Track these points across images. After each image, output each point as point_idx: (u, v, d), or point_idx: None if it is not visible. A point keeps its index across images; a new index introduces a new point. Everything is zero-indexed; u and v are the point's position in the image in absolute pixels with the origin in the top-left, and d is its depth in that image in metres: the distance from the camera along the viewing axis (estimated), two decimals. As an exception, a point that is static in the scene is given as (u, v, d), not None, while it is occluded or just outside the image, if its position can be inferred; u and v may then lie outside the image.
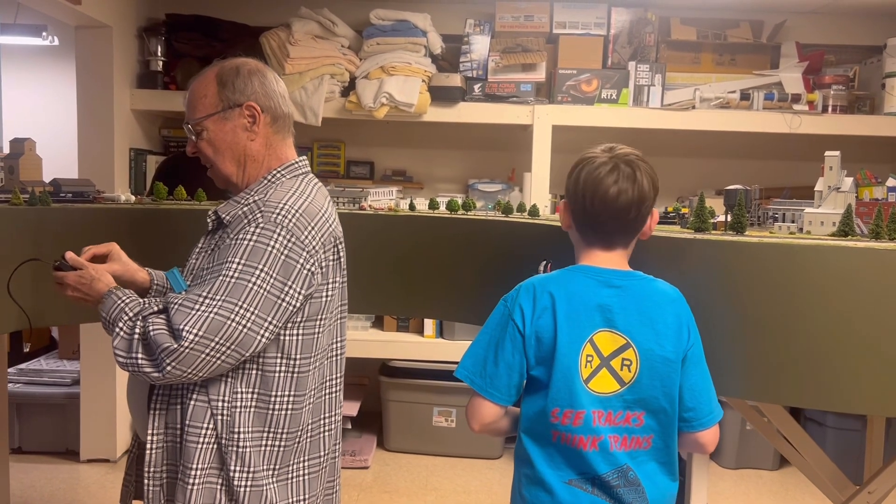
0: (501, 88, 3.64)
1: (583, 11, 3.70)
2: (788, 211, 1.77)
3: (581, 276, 1.43)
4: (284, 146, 1.58)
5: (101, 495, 3.27)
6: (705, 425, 1.45)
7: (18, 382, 3.65)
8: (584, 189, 1.41)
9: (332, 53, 3.60)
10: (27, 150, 2.10)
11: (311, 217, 1.46)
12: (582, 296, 1.40)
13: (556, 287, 1.41)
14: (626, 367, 1.38)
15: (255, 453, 1.45)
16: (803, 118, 3.55)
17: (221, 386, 1.44)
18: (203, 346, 1.34)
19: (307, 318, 1.48)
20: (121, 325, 1.38)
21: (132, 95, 3.65)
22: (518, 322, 1.40)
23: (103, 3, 3.32)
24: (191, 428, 1.43)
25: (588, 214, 1.42)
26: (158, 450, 1.48)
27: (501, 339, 1.42)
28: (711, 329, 1.48)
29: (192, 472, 1.42)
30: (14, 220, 1.89)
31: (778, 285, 1.43)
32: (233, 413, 1.44)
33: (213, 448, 1.44)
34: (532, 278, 1.47)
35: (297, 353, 1.47)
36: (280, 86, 1.57)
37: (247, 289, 1.36)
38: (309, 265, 1.44)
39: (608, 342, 1.38)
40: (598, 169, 1.40)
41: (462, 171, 4.13)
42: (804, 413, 3.70)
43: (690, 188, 4.05)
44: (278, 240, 1.40)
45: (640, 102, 3.61)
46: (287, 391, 1.47)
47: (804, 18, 3.85)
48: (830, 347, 1.40)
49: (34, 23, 4.13)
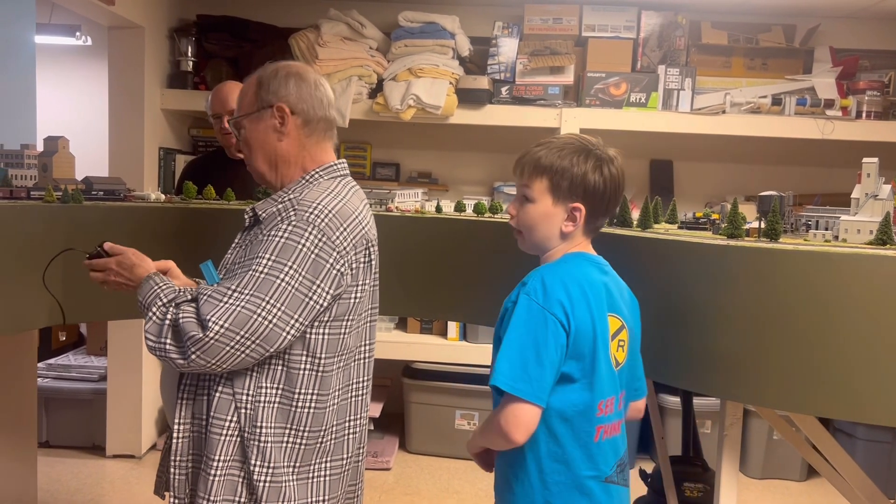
0: (529, 91, 3.63)
1: (612, 14, 3.68)
2: (822, 218, 1.74)
3: (587, 263, 1.45)
4: (320, 149, 1.58)
5: (125, 491, 3.30)
6: (643, 392, 1.58)
7: (47, 377, 3.71)
8: (611, 187, 1.44)
9: (360, 55, 3.61)
10: (60, 148, 2.13)
11: (344, 218, 1.46)
12: (594, 283, 1.42)
13: (578, 277, 1.40)
14: (621, 348, 1.45)
15: (276, 449, 1.45)
16: (836, 124, 3.50)
17: (246, 380, 1.45)
18: (228, 339, 1.35)
19: (334, 318, 1.48)
20: (154, 310, 1.41)
21: (162, 95, 3.69)
22: (560, 317, 1.35)
23: (136, 3, 3.36)
24: (215, 419, 1.45)
25: (608, 210, 1.48)
26: (184, 439, 1.50)
27: (542, 337, 1.35)
28: (743, 336, 1.46)
29: (214, 464, 1.44)
30: (47, 216, 1.92)
31: (813, 293, 1.40)
32: (256, 407, 1.45)
33: (235, 441, 1.45)
34: (541, 271, 1.43)
35: (322, 352, 1.47)
36: (321, 91, 1.56)
37: (275, 285, 1.37)
38: (339, 265, 1.44)
39: (614, 325, 1.44)
40: (616, 168, 1.45)
41: (487, 174, 4.12)
42: (833, 424, 3.63)
43: (719, 193, 4.00)
44: (310, 238, 1.41)
45: (670, 106, 3.58)
46: (311, 389, 1.47)
47: (838, 23, 3.79)
48: (865, 358, 1.37)
49: (68, 23, 4.20)
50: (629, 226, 1.87)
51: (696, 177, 4.08)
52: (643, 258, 1.69)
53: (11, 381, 2.64)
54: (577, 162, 1.42)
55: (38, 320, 1.95)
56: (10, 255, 1.82)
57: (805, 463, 3.59)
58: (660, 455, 2.40)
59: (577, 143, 1.45)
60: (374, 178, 4.08)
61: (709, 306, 1.54)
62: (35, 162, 2.15)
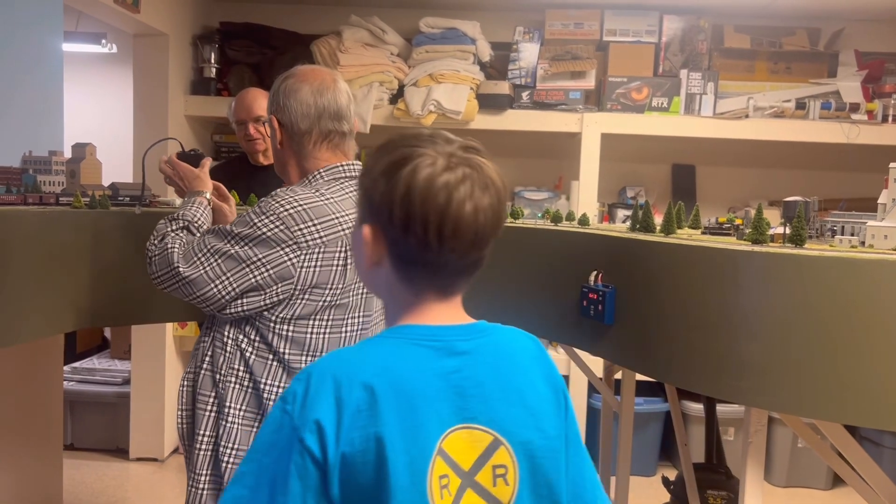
0: (550, 96, 3.62)
1: (634, 19, 3.66)
2: (848, 223, 1.72)
3: (410, 346, 0.90)
4: (319, 154, 1.61)
5: (148, 493, 3.33)
6: None
7: (72, 381, 3.75)
8: (420, 204, 0.86)
9: (381, 61, 3.62)
10: (88, 154, 2.16)
11: (317, 215, 1.51)
12: (417, 380, 0.88)
13: (371, 373, 0.86)
14: (500, 479, 0.89)
15: (243, 433, 1.55)
16: (862, 128, 3.45)
17: (223, 361, 1.56)
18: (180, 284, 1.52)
19: (298, 317, 1.53)
20: (172, 220, 1.61)
21: (186, 101, 3.73)
22: (311, 445, 0.83)
23: (161, 11, 3.40)
24: (200, 395, 1.58)
25: (425, 245, 0.88)
26: (189, 388, 1.62)
27: (282, 473, 0.84)
28: (769, 343, 1.44)
29: (199, 438, 1.57)
30: (75, 221, 1.94)
31: (839, 300, 1.38)
32: (226, 388, 1.55)
33: (212, 418, 1.56)
34: (328, 359, 0.90)
35: (285, 347, 1.53)
36: (316, 99, 1.58)
37: (230, 256, 1.50)
38: (292, 256, 1.49)
39: (467, 446, 0.88)
40: (442, 174, 0.87)
41: (508, 179, 4.02)
42: (859, 432, 3.58)
43: (742, 198, 3.97)
44: (265, 223, 1.49)
45: (692, 111, 3.56)
46: (277, 382, 1.54)
47: (863, 26, 3.74)
48: (892, 365, 1.35)
49: (94, 31, 4.26)
50: (652, 231, 1.86)
51: (718, 182, 4.05)
52: (666, 264, 1.68)
53: (39, 385, 2.68)
54: (386, 170, 0.90)
55: (67, 324, 1.97)
56: (41, 259, 1.85)
57: (830, 471, 3.54)
58: (683, 462, 2.38)
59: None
60: (394, 184, 4.09)
61: (733, 313, 1.52)
62: (63, 168, 2.18)
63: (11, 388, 2.54)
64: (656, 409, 3.66)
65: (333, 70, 1.73)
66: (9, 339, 1.79)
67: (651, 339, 1.70)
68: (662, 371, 1.71)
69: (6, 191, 1.95)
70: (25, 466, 2.62)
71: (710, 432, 2.60)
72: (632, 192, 3.92)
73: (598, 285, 1.83)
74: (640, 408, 3.55)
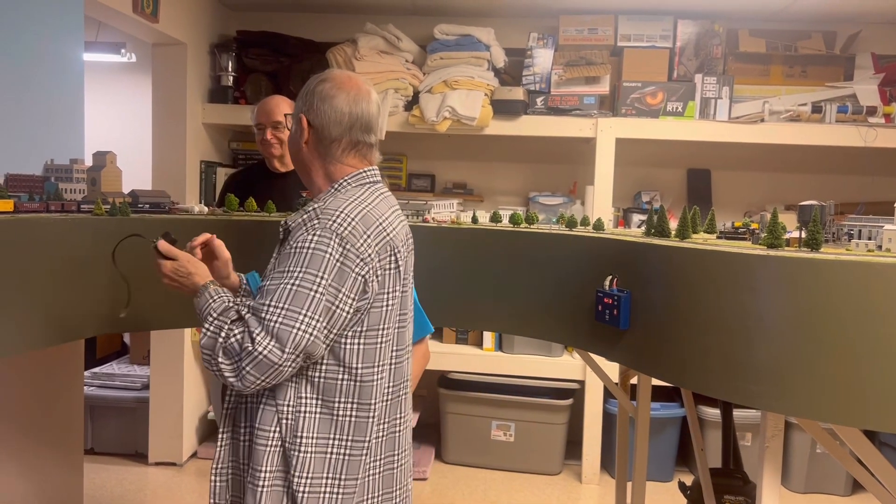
0: (564, 101, 3.63)
1: (648, 24, 3.67)
2: (865, 227, 1.71)
3: None
4: (346, 161, 1.61)
5: (167, 497, 3.36)
6: None
7: (92, 386, 3.80)
8: None
9: (396, 68, 3.65)
10: (108, 162, 2.19)
11: (367, 225, 1.49)
12: None
13: None
14: None
15: (317, 460, 1.48)
16: (879, 131, 3.43)
17: (288, 391, 1.48)
18: (275, 355, 1.38)
19: (368, 328, 1.50)
20: (207, 325, 1.46)
21: (204, 109, 3.77)
22: None
23: (179, 21, 3.45)
24: (259, 431, 1.48)
25: None
26: (226, 447, 1.55)
27: None
28: (785, 348, 1.44)
29: (261, 475, 1.47)
30: (96, 228, 1.98)
31: (856, 304, 1.38)
32: (297, 418, 1.48)
33: (279, 452, 1.48)
34: None
35: (358, 362, 1.50)
36: (351, 108, 1.59)
37: (308, 297, 1.40)
38: (363, 272, 1.47)
39: None
40: None
41: (522, 184, 4.12)
42: (879, 437, 3.55)
43: (758, 202, 3.95)
44: (333, 247, 1.44)
45: (707, 115, 3.55)
46: (351, 399, 1.50)
47: (880, 29, 3.72)
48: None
49: (114, 41, 4.32)
50: (667, 236, 1.86)
51: (734, 186, 4.04)
52: (682, 269, 1.68)
53: (59, 390, 2.71)
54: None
55: (87, 329, 2.00)
56: (62, 265, 1.88)
57: (850, 477, 3.51)
58: (700, 467, 2.37)
59: None
60: (409, 190, 4.11)
61: (749, 317, 1.52)
62: (84, 176, 2.22)
63: (33, 393, 2.58)
64: (673, 414, 3.64)
65: (367, 81, 1.73)
66: (30, 344, 1.82)
67: (666, 344, 1.70)
68: (678, 375, 1.71)
69: (29, 198, 1.98)
70: (46, 471, 2.65)
71: (727, 437, 2.59)
72: (647, 196, 3.91)
73: (613, 290, 1.84)
74: (657, 413, 3.54)
